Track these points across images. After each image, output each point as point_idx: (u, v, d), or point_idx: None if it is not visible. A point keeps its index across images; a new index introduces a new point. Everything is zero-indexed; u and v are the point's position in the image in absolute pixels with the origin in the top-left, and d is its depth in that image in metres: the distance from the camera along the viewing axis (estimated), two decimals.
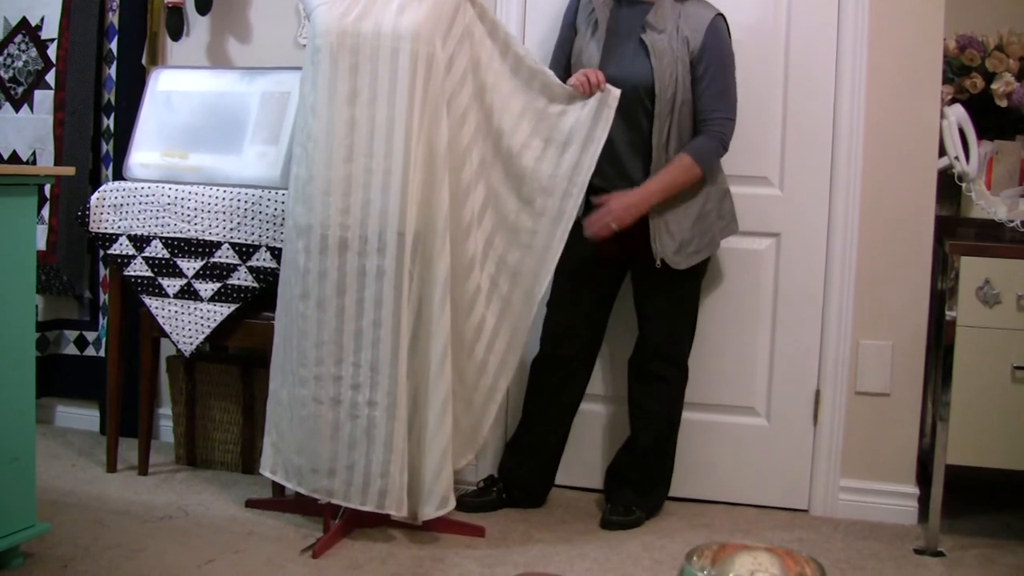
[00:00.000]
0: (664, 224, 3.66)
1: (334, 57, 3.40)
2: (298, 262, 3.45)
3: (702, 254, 3.74)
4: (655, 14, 3.67)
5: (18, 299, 3.19)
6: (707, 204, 3.73)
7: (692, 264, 3.71)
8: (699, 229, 3.70)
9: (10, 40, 4.76)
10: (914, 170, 3.90)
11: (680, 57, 3.64)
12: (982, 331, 3.59)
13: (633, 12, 3.72)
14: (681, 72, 3.64)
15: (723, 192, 3.81)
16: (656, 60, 3.62)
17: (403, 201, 3.36)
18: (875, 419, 3.97)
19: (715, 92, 3.68)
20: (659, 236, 3.66)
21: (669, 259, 3.67)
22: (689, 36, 3.64)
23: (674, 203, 3.66)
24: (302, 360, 3.47)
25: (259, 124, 4.09)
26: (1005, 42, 4.09)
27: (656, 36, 3.64)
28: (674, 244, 3.67)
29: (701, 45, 3.64)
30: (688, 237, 3.68)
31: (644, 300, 3.85)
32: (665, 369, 3.85)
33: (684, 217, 3.68)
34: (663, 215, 3.65)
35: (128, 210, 4.06)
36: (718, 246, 3.82)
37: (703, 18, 3.66)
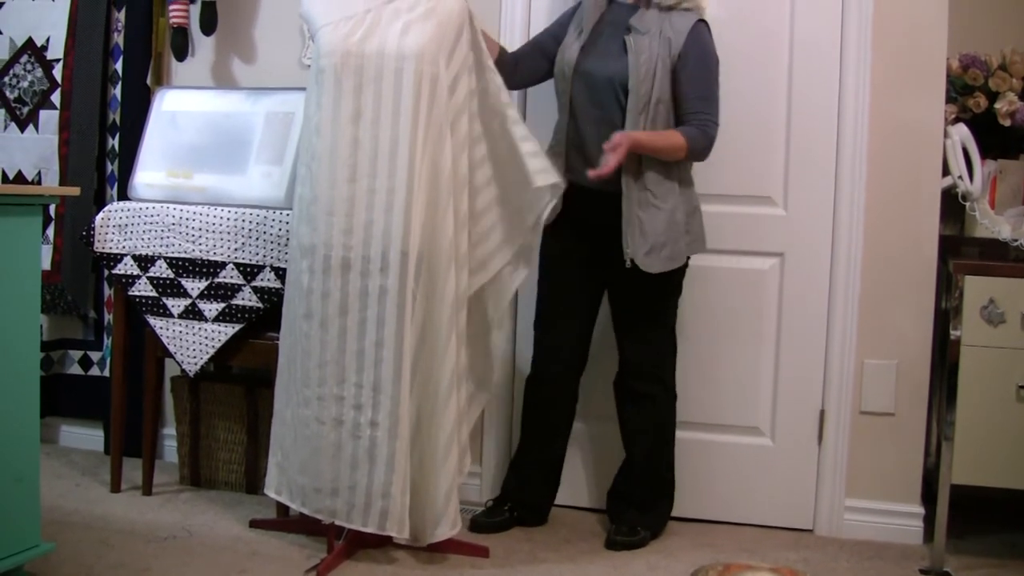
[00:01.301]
0: (638, 224, 3.64)
1: (338, 77, 3.41)
2: (302, 282, 3.45)
3: (673, 262, 3.70)
4: (640, 18, 3.68)
5: (22, 318, 3.19)
6: (677, 213, 3.69)
7: (662, 270, 3.67)
8: (670, 235, 3.67)
9: (16, 60, 4.78)
10: (918, 189, 3.91)
11: (661, 57, 3.63)
12: (986, 350, 3.58)
13: (620, 14, 3.74)
14: (660, 72, 3.63)
15: (693, 208, 3.78)
16: (633, 56, 3.62)
17: (406, 221, 3.36)
18: (880, 439, 3.97)
19: (699, 96, 3.67)
20: (631, 236, 3.64)
21: (639, 260, 3.64)
22: (672, 38, 3.64)
23: (648, 205, 3.64)
24: (305, 380, 3.47)
25: (263, 144, 4.09)
26: (1008, 61, 4.09)
27: (638, 36, 3.65)
28: (646, 245, 3.64)
29: (683, 48, 3.64)
30: (661, 241, 3.65)
31: (622, 321, 3.85)
32: (650, 387, 3.84)
33: (658, 220, 3.65)
34: (637, 215, 3.64)
35: (133, 230, 4.06)
36: (685, 260, 3.77)
37: (686, 23, 3.67)
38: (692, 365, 4.09)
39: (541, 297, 3.91)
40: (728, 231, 4.04)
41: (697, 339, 4.09)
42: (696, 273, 4.02)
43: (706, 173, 4.00)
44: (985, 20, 4.28)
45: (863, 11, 3.89)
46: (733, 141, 3.99)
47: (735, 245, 4.05)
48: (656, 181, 3.65)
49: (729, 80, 3.96)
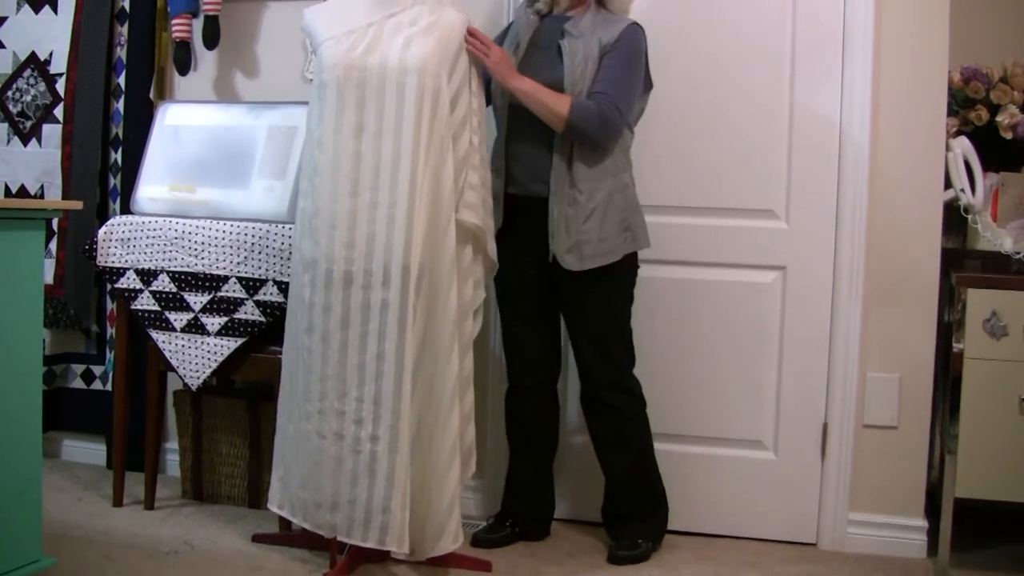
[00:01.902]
0: (564, 222, 3.64)
1: (341, 91, 3.42)
2: (304, 296, 3.46)
3: (599, 260, 3.67)
4: (574, 23, 3.69)
5: (25, 332, 3.19)
6: (610, 211, 3.67)
7: (583, 267, 3.65)
8: (598, 233, 3.65)
9: (19, 74, 4.79)
10: (920, 202, 3.90)
11: (592, 56, 3.63)
12: (989, 363, 3.58)
13: (555, 24, 3.74)
14: (592, 70, 3.63)
15: (631, 205, 3.76)
16: (569, 58, 3.63)
17: (408, 235, 3.36)
18: (883, 452, 3.96)
19: (610, 79, 3.63)
20: (557, 233, 3.65)
21: (561, 257, 3.65)
22: (602, 36, 3.65)
23: (575, 203, 3.63)
24: (306, 394, 3.47)
25: (266, 158, 4.10)
26: (1010, 74, 4.09)
27: (572, 40, 3.65)
28: (569, 242, 3.64)
29: (614, 42, 3.64)
30: (585, 238, 3.64)
31: (572, 329, 3.84)
32: (615, 398, 3.81)
33: (585, 217, 3.63)
34: (565, 213, 3.63)
35: (135, 244, 4.07)
36: (621, 256, 3.72)
37: (621, 23, 3.68)
38: (694, 378, 4.10)
39: (501, 310, 3.94)
40: (730, 244, 4.05)
41: (699, 352, 4.09)
42: (698, 287, 4.04)
43: (708, 187, 4.03)
44: (986, 33, 4.28)
45: (864, 23, 3.89)
46: (735, 155, 4.01)
47: (737, 258, 4.05)
48: (586, 179, 3.64)
49: (730, 93, 4.00)
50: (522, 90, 3.59)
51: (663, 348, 4.10)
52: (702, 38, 4.04)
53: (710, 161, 4.04)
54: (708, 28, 4.03)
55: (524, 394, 3.94)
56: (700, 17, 4.05)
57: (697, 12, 4.05)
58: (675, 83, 4.05)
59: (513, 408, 3.98)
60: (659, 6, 4.06)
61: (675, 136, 4.07)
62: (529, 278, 3.77)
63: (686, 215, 4.07)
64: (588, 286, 3.71)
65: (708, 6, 4.04)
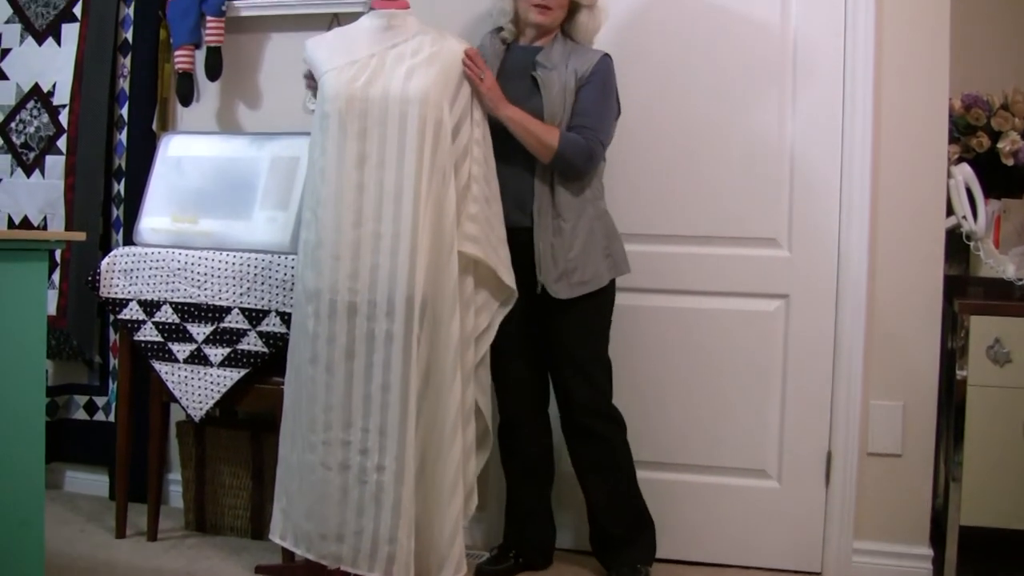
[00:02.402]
0: (550, 251, 3.64)
1: (343, 122, 3.43)
2: (307, 326, 3.45)
3: (585, 287, 3.68)
4: (545, 55, 3.70)
5: (28, 364, 3.19)
6: (594, 237, 3.69)
7: (572, 295, 3.66)
8: (583, 260, 3.66)
9: (22, 106, 4.80)
10: (922, 229, 3.90)
11: (568, 87, 3.64)
12: (993, 390, 3.58)
13: (525, 54, 3.73)
14: (569, 101, 3.65)
15: (611, 232, 3.77)
16: (546, 91, 3.63)
17: (412, 265, 3.36)
18: (887, 480, 3.94)
19: (589, 112, 3.65)
20: (544, 263, 3.64)
21: (550, 287, 3.64)
22: (578, 68, 3.66)
23: (560, 232, 3.64)
24: (311, 425, 3.46)
25: (268, 189, 4.11)
26: (1010, 101, 4.10)
27: (546, 71, 3.66)
28: (556, 271, 3.64)
29: (589, 74, 3.65)
30: (572, 266, 3.65)
31: (554, 355, 3.82)
32: (599, 425, 3.79)
33: (570, 247, 3.64)
34: (550, 243, 3.64)
35: (138, 275, 4.07)
36: (605, 283, 3.74)
37: (593, 56, 3.69)
38: (697, 407, 4.08)
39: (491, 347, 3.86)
40: (733, 273, 4.04)
41: (703, 381, 4.08)
42: (702, 315, 4.04)
43: (711, 215, 4.03)
44: (986, 60, 4.30)
45: (865, 51, 3.89)
46: (737, 183, 4.01)
47: (740, 287, 4.04)
48: (569, 208, 3.65)
49: (731, 121, 4.01)
50: (512, 119, 3.59)
51: (667, 377, 4.10)
52: (702, 66, 4.05)
53: (712, 190, 4.04)
54: (708, 56, 4.04)
55: (516, 426, 3.92)
56: (700, 45, 4.05)
57: (697, 41, 4.06)
58: (676, 112, 4.06)
59: (507, 441, 3.96)
60: (660, 35, 4.08)
61: (677, 165, 4.07)
62: (515, 308, 3.76)
63: (689, 244, 4.07)
64: (572, 313, 3.70)
65: (708, 34, 4.04)
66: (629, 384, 4.00)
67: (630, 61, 3.99)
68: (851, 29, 3.92)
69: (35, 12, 4.80)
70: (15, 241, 3.18)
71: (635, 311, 4.00)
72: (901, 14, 3.89)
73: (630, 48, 4.04)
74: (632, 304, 3.96)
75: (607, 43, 3.86)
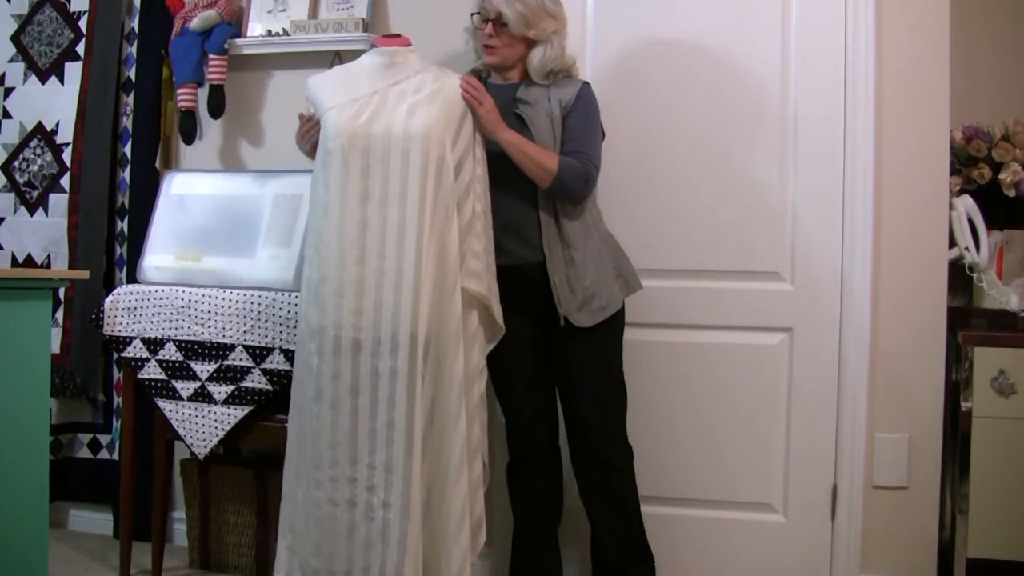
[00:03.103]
0: (567, 282, 3.63)
1: (345, 159, 3.43)
2: (311, 364, 3.45)
3: (604, 311, 3.67)
4: (525, 91, 3.70)
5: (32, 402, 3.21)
6: (603, 260, 3.69)
7: (596, 321, 3.65)
8: (599, 285, 3.65)
9: (25, 144, 4.83)
10: (925, 261, 3.90)
11: (555, 117, 3.65)
12: (998, 421, 3.58)
13: (504, 92, 3.71)
14: (558, 131, 3.65)
15: (616, 251, 3.77)
16: (534, 127, 3.63)
17: (415, 302, 3.36)
18: (894, 513, 3.93)
19: (580, 138, 3.63)
20: (562, 294, 3.63)
21: (572, 317, 3.63)
22: (561, 98, 3.66)
23: (572, 262, 3.63)
24: (316, 462, 3.45)
25: (271, 226, 4.12)
26: (1011, 132, 4.11)
27: (529, 107, 3.66)
28: (576, 301, 3.63)
29: (572, 103, 3.65)
30: (590, 293, 3.64)
31: (572, 384, 3.77)
32: (610, 452, 3.77)
33: (584, 275, 3.63)
34: (565, 274, 3.62)
35: (142, 313, 4.07)
36: (620, 304, 3.74)
37: (574, 86, 3.70)
38: (702, 441, 4.08)
39: (496, 380, 3.85)
40: (736, 307, 4.04)
41: (707, 415, 4.07)
42: (705, 349, 4.04)
43: (712, 250, 4.03)
44: (987, 91, 4.31)
45: (866, 84, 3.91)
46: (738, 217, 4.02)
47: (743, 321, 4.04)
48: (576, 236, 3.64)
49: (733, 156, 4.01)
50: (511, 142, 3.58)
51: (670, 411, 4.09)
52: (703, 100, 4.06)
53: (714, 224, 4.04)
54: (710, 90, 4.05)
55: (528, 463, 3.89)
56: (702, 80, 4.07)
57: (698, 75, 4.07)
58: (678, 146, 4.07)
59: (517, 478, 3.93)
60: (660, 70, 4.09)
61: (679, 199, 4.08)
62: (527, 343, 3.75)
63: (692, 278, 4.07)
64: (589, 340, 3.69)
65: (710, 69, 4.05)
66: (632, 418, 3.97)
67: (631, 96, 4.02)
68: (851, 63, 3.93)
69: (38, 51, 4.83)
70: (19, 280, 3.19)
71: (638, 346, 4.00)
72: (900, 47, 3.90)
73: (632, 83, 4.07)
74: (635, 339, 3.95)
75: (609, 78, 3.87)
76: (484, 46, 3.69)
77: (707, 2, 4.07)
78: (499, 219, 3.65)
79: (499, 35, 3.65)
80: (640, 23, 4.12)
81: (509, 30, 3.64)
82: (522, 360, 3.78)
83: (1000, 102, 4.29)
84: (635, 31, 4.12)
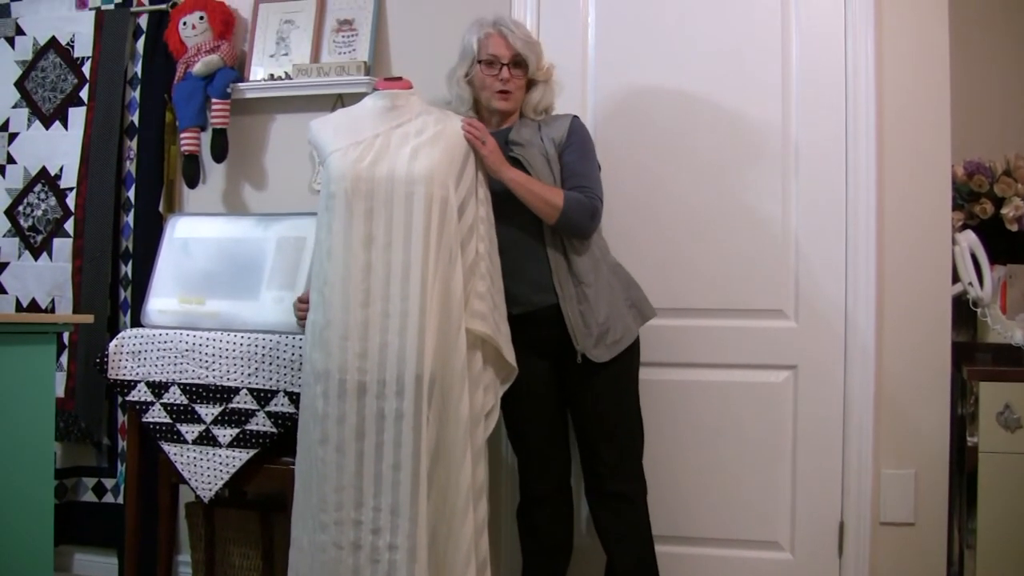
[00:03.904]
0: (581, 320, 3.62)
1: (349, 202, 3.44)
2: (316, 407, 3.44)
3: (620, 344, 3.66)
4: (516, 133, 3.72)
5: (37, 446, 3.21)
6: (615, 292, 3.68)
7: (613, 355, 3.64)
8: (613, 319, 3.65)
9: (29, 189, 4.84)
10: (928, 297, 3.90)
11: (551, 155, 3.66)
12: (1005, 456, 3.56)
13: (497, 137, 3.71)
14: (556, 169, 3.66)
15: (627, 281, 3.77)
16: (532, 168, 3.63)
17: (420, 344, 3.36)
18: (901, 549, 3.92)
19: (581, 172, 3.64)
20: (578, 331, 3.62)
21: (590, 353, 3.62)
22: (553, 136, 3.68)
23: (584, 298, 3.62)
24: (322, 505, 3.44)
25: (275, 269, 4.13)
26: (1013, 166, 4.12)
27: (523, 149, 3.67)
28: (591, 337, 3.62)
29: (566, 138, 3.67)
30: (605, 327, 3.63)
31: (591, 420, 3.75)
32: (626, 487, 3.75)
33: (597, 308, 3.63)
34: (579, 311, 3.62)
35: (146, 357, 4.08)
36: (635, 334, 3.73)
37: (564, 122, 3.72)
38: (708, 479, 4.07)
39: (512, 422, 3.84)
40: (740, 345, 4.05)
41: (712, 453, 4.07)
42: (710, 387, 4.04)
43: (716, 288, 4.04)
44: (987, 126, 4.32)
45: (867, 121, 3.92)
46: (742, 255, 4.03)
47: (748, 359, 4.05)
48: (586, 271, 3.64)
49: (735, 193, 4.03)
50: (516, 180, 3.59)
51: (676, 449, 4.09)
52: (705, 136, 4.08)
53: (718, 262, 4.06)
54: (711, 126, 4.07)
55: (539, 503, 3.87)
56: (703, 115, 4.09)
57: (700, 110, 4.10)
58: (681, 185, 4.09)
59: (528, 519, 3.91)
60: (661, 108, 4.12)
61: (682, 237, 4.10)
62: (543, 384, 3.75)
63: (696, 317, 4.08)
64: (606, 376, 3.67)
65: (711, 107, 4.08)
66: None
67: (633, 135, 4.04)
68: (852, 99, 3.95)
69: (42, 96, 4.86)
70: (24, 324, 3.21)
71: (643, 385, 3.98)
72: (901, 83, 3.92)
73: (633, 122, 4.09)
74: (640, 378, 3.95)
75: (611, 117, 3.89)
76: (499, 92, 3.71)
77: (708, 41, 4.09)
78: (508, 263, 3.65)
79: (513, 78, 3.70)
80: (641, 62, 4.15)
81: (522, 73, 3.69)
82: (539, 401, 3.77)
83: (1001, 137, 4.31)
84: (636, 71, 4.15)
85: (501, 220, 3.64)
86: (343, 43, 4.47)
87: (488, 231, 3.59)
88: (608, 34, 4.19)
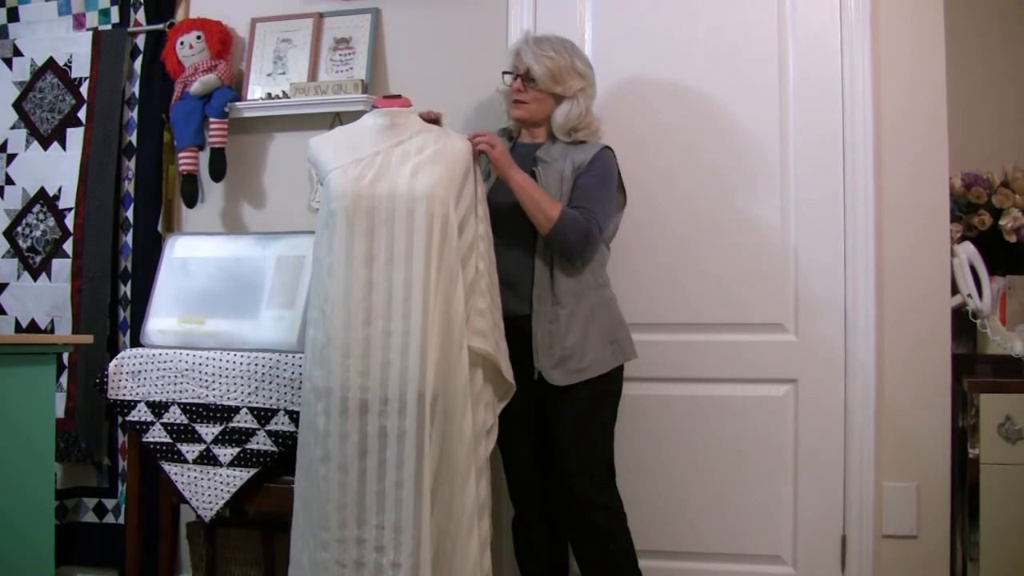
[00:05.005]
0: (548, 340, 3.62)
1: (350, 220, 3.44)
2: (318, 425, 3.44)
3: (586, 373, 3.63)
4: (545, 150, 3.74)
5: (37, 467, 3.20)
6: (591, 324, 3.65)
7: (572, 382, 3.62)
8: (581, 347, 3.62)
9: (28, 210, 4.85)
10: (928, 309, 3.91)
11: (565, 176, 3.67)
12: (1007, 468, 3.56)
13: (527, 151, 3.77)
14: (566, 190, 3.66)
15: (617, 320, 3.74)
16: (543, 181, 3.65)
17: (422, 362, 3.36)
18: (904, 562, 3.91)
19: (589, 197, 3.63)
20: (542, 350, 3.62)
21: (547, 373, 3.62)
22: (576, 159, 3.69)
23: (556, 318, 3.62)
24: (324, 523, 3.43)
25: (275, 288, 4.13)
26: (1011, 178, 4.12)
27: (545, 165, 3.69)
28: (552, 359, 3.62)
29: (587, 164, 3.67)
30: (568, 353, 3.62)
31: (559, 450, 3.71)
32: (599, 516, 3.70)
33: (567, 333, 3.62)
34: (548, 330, 3.62)
35: (146, 376, 4.08)
36: (608, 368, 3.68)
37: (593, 147, 3.73)
38: (710, 494, 4.07)
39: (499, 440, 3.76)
40: (741, 359, 4.05)
41: (714, 468, 4.06)
42: (711, 403, 4.03)
43: (715, 303, 4.04)
44: (985, 138, 4.32)
45: (864, 135, 3.93)
46: (741, 270, 4.03)
47: (749, 373, 4.04)
48: (568, 294, 3.64)
49: (734, 208, 4.03)
50: (520, 183, 3.59)
51: (677, 465, 4.09)
52: (704, 154, 4.09)
53: (717, 277, 4.06)
54: (710, 144, 4.08)
55: (530, 522, 3.87)
56: (702, 132, 4.10)
57: (698, 127, 4.11)
58: (680, 200, 4.10)
59: (521, 536, 3.90)
60: (661, 121, 4.13)
61: (681, 253, 4.10)
62: (523, 402, 3.71)
63: (697, 332, 4.08)
64: (571, 401, 3.65)
65: (709, 121, 4.09)
66: (638, 473, 3.99)
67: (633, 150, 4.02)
68: (849, 111, 3.96)
69: (40, 117, 4.87)
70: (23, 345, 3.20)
71: (643, 400, 4.00)
72: (898, 95, 3.93)
73: (633, 140, 4.08)
74: (640, 393, 3.96)
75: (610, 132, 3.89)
76: (513, 101, 3.76)
77: (705, 58, 4.11)
78: (498, 268, 3.66)
79: (527, 90, 3.73)
80: (638, 80, 4.16)
81: (537, 86, 3.71)
82: (518, 420, 3.76)
83: (999, 149, 4.31)
84: (634, 88, 4.16)
85: (498, 228, 3.66)
86: (340, 61, 4.47)
87: (487, 249, 3.59)
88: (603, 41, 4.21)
